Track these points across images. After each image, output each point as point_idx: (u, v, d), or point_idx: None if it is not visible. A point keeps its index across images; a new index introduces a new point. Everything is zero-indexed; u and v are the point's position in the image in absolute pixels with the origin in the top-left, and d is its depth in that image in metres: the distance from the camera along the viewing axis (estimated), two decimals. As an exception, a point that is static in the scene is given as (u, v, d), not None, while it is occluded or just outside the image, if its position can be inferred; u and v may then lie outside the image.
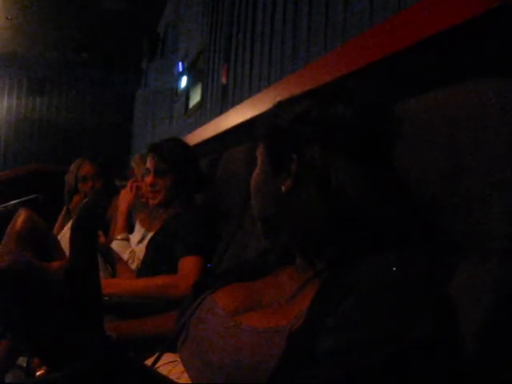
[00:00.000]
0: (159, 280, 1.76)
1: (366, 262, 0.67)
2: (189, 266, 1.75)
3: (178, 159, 2.03)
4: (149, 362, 0.85)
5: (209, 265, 1.82)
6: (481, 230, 0.70)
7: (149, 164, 2.03)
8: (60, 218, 3.16)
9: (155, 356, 0.84)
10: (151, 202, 2.04)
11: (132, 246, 2.37)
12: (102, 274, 2.08)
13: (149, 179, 2.00)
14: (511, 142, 0.69)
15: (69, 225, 2.44)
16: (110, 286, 1.77)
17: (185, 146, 2.17)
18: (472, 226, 0.72)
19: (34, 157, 7.55)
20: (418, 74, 1.30)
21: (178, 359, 0.82)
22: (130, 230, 2.59)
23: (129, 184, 2.63)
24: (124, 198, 2.62)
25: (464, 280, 0.71)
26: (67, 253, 0.52)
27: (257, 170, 0.87)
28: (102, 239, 2.14)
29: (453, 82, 0.79)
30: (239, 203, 1.83)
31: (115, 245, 2.30)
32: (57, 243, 0.55)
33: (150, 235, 2.24)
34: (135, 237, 2.46)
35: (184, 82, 4.56)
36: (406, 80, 1.35)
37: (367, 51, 1.37)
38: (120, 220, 2.52)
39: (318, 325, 0.64)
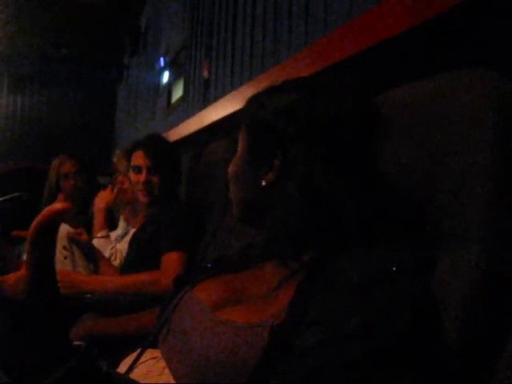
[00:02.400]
0: (141, 276, 1.75)
1: (347, 257, 0.67)
2: (171, 261, 1.74)
3: (168, 156, 2.01)
4: (131, 358, 0.84)
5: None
6: (461, 220, 0.70)
7: (139, 161, 1.98)
8: None
9: (137, 352, 0.84)
10: (143, 199, 1.99)
11: (114, 242, 2.35)
12: (84, 271, 2.07)
13: (142, 176, 1.95)
14: (489, 131, 0.69)
15: None
16: (93, 283, 1.76)
17: (169, 142, 2.17)
18: (453, 217, 0.72)
19: (15, 154, 7.46)
20: (398, 66, 1.31)
21: (159, 355, 0.81)
22: (114, 226, 2.58)
23: (118, 180, 2.60)
24: (102, 196, 2.60)
25: (445, 271, 0.71)
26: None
27: (238, 156, 0.86)
28: (85, 237, 2.12)
29: (430, 74, 0.79)
30: (222, 197, 1.83)
31: (96, 242, 2.29)
32: (11, 253, 0.54)
33: (132, 231, 2.23)
34: (117, 233, 2.45)
35: (166, 77, 4.53)
36: (386, 72, 1.36)
37: (348, 44, 1.37)
38: (98, 218, 2.51)
39: (299, 319, 0.63)
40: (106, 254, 2.19)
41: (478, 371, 0.67)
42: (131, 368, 0.79)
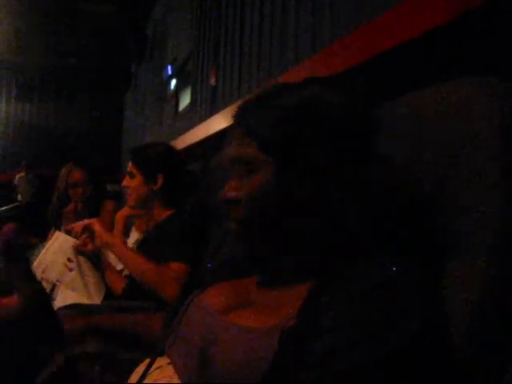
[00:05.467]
0: (160, 269, 1.76)
1: (356, 265, 0.67)
2: (175, 271, 1.75)
3: (146, 162, 2.03)
4: (140, 368, 0.84)
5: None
6: (468, 224, 0.70)
7: (129, 167, 2.06)
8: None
9: (147, 362, 0.83)
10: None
11: None
12: (93, 280, 2.07)
13: (124, 182, 2.05)
14: (496, 139, 0.69)
15: (54, 236, 2.42)
16: (118, 247, 1.82)
17: (160, 149, 2.13)
18: (459, 221, 0.71)
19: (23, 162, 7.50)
20: (404, 74, 1.31)
21: (166, 362, 0.81)
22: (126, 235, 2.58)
23: None
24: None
25: (452, 275, 0.70)
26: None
27: (232, 149, 0.79)
28: (90, 247, 2.12)
29: (438, 79, 0.79)
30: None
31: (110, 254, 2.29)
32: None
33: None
34: (129, 241, 2.45)
35: (173, 84, 4.55)
36: (394, 79, 1.36)
37: (355, 51, 1.37)
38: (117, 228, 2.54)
39: (310, 325, 0.63)
40: (118, 267, 2.18)
41: (486, 377, 0.66)
42: (142, 378, 0.78)
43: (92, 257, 2.10)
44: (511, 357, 0.65)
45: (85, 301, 1.90)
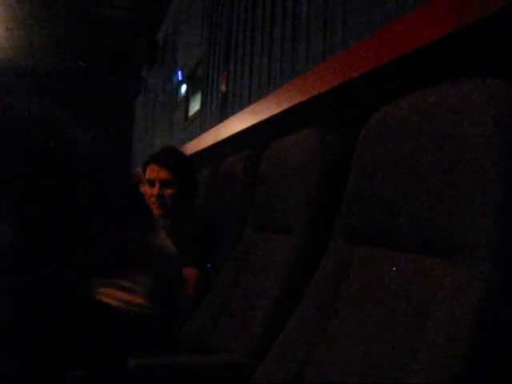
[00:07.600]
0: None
1: None
2: (188, 276, 1.77)
3: (182, 169, 2.02)
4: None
5: (209, 264, 1.84)
6: (472, 231, 0.69)
7: (153, 174, 2.01)
8: None
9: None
10: (156, 211, 2.02)
11: None
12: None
13: (155, 190, 1.98)
14: (497, 141, 0.69)
15: None
16: None
17: (184, 155, 2.18)
18: (463, 228, 0.71)
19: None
20: (416, 79, 1.31)
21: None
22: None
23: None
24: None
25: (455, 283, 0.69)
26: None
27: None
28: None
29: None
30: (240, 209, 1.84)
31: None
32: None
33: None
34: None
35: (184, 90, 4.57)
36: (404, 85, 1.36)
37: (366, 59, 1.38)
38: None
39: None
40: None
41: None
42: None
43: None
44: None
45: None
